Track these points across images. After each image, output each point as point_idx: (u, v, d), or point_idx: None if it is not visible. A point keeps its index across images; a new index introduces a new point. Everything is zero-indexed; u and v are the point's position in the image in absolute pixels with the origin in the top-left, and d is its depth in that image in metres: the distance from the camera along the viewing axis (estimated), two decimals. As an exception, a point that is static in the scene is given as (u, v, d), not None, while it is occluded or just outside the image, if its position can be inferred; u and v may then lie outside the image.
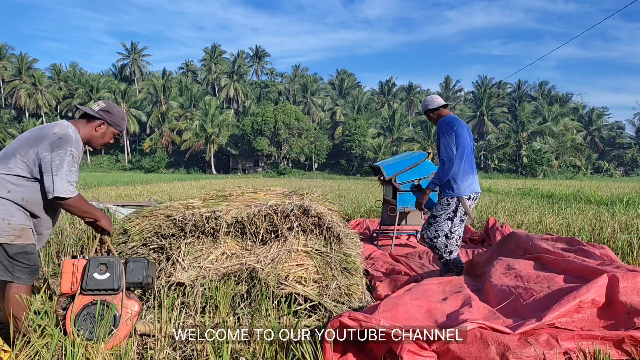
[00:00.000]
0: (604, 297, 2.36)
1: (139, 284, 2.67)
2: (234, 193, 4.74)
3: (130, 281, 2.64)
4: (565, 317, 2.25)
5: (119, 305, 2.53)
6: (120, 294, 2.57)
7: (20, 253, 2.50)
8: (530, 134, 65.10)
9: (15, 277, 2.50)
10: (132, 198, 12.93)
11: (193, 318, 2.92)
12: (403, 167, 5.62)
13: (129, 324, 2.54)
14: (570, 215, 7.55)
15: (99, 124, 2.78)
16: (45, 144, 2.54)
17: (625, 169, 71.29)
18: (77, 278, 2.59)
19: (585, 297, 2.32)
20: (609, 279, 2.40)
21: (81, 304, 2.53)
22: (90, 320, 2.49)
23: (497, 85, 77.04)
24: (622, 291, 2.33)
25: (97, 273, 2.56)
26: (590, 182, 31.44)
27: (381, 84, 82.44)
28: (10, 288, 2.52)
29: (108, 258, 2.61)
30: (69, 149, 2.55)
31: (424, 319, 2.41)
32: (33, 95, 67.71)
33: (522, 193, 17.00)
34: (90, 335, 2.45)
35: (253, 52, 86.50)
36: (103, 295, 2.57)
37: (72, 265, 2.61)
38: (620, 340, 2.06)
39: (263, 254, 3.52)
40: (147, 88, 72.97)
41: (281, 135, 63.64)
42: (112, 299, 2.56)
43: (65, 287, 2.61)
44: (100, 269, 2.57)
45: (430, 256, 5.17)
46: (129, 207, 8.20)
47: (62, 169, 2.50)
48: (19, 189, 2.50)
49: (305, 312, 3.31)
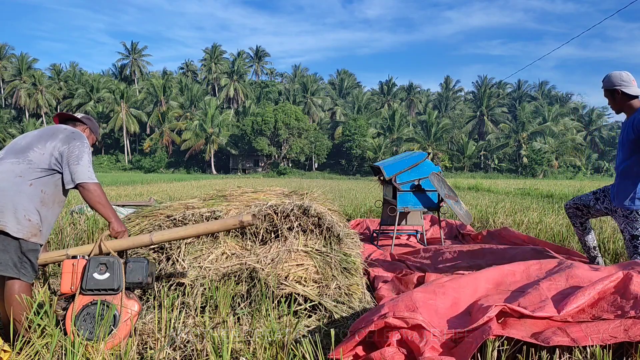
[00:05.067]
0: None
1: (138, 284, 2.67)
2: (234, 193, 4.75)
3: (130, 281, 2.64)
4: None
5: (119, 306, 2.53)
6: (120, 294, 2.57)
7: (32, 251, 2.56)
8: (530, 134, 65.10)
9: (22, 274, 2.54)
10: (132, 198, 12.93)
11: (193, 318, 2.92)
12: (403, 167, 5.62)
13: (129, 324, 2.54)
14: (570, 215, 7.55)
15: (84, 128, 3.04)
16: (61, 137, 2.69)
17: (625, 169, 71.14)
18: (77, 278, 2.60)
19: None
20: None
21: (81, 304, 2.53)
22: (90, 320, 2.49)
23: (497, 85, 77.08)
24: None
25: (97, 273, 2.57)
26: (590, 182, 31.45)
27: (381, 84, 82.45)
28: (13, 285, 2.53)
29: (108, 258, 2.61)
30: (85, 142, 2.75)
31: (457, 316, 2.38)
32: (33, 95, 67.72)
33: (522, 193, 17.00)
34: (91, 335, 2.46)
35: (253, 52, 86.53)
36: (103, 295, 2.57)
37: (71, 265, 2.62)
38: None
39: (263, 254, 3.52)
40: (147, 88, 72.94)
41: (281, 135, 63.63)
42: (112, 299, 2.56)
43: (65, 287, 2.61)
44: (100, 269, 2.57)
45: (430, 255, 5.17)
46: (129, 207, 8.20)
47: (83, 158, 2.67)
48: (39, 182, 2.59)
49: (305, 312, 3.31)
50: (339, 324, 3.14)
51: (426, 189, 5.62)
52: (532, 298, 2.37)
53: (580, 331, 2.04)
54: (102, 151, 71.19)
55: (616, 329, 2.01)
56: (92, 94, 68.49)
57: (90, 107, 66.99)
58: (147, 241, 2.82)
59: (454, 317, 2.29)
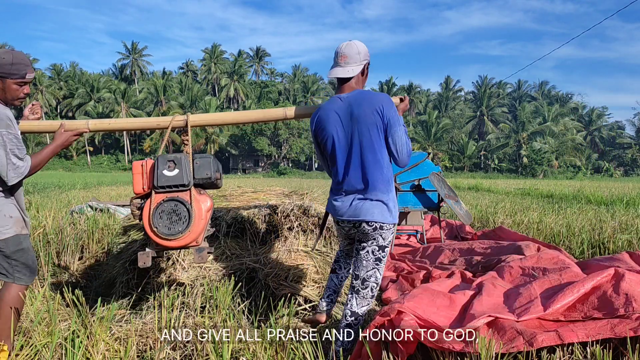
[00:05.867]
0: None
1: (207, 179, 2.66)
2: (234, 193, 4.75)
3: (199, 177, 2.64)
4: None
5: (192, 201, 2.54)
6: (191, 190, 2.57)
7: (18, 251, 2.40)
8: (530, 134, 65.11)
9: (16, 277, 2.41)
10: (132, 198, 12.90)
11: (193, 318, 2.92)
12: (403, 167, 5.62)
13: (204, 218, 2.57)
14: (570, 215, 7.54)
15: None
16: None
17: (625, 169, 71.24)
18: (147, 177, 2.59)
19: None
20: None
21: (155, 202, 2.54)
22: (166, 217, 2.52)
23: (497, 85, 77.07)
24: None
25: (166, 170, 2.55)
26: (590, 182, 31.45)
27: (381, 84, 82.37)
28: (9, 288, 2.40)
29: (175, 155, 2.58)
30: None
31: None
32: (33, 95, 67.66)
33: (522, 193, 16.99)
34: (168, 231, 2.50)
35: (253, 52, 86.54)
36: (174, 192, 2.56)
37: (140, 166, 2.62)
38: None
39: (263, 254, 3.52)
40: (147, 88, 72.97)
41: (281, 135, 63.65)
42: (184, 195, 2.56)
43: (138, 187, 2.61)
44: (169, 166, 2.56)
45: (430, 254, 5.16)
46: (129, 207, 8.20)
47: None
48: None
49: (305, 312, 3.31)
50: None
51: (426, 189, 5.62)
52: (522, 299, 2.44)
53: (569, 329, 2.07)
54: (102, 151, 71.19)
55: (603, 327, 2.05)
56: (93, 93, 68.46)
57: (91, 107, 67.00)
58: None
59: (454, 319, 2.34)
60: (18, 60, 2.36)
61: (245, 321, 2.96)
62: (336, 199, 2.52)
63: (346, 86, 2.50)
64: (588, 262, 3.43)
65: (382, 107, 2.38)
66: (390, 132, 2.38)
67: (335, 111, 2.46)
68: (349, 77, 2.49)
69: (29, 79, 2.41)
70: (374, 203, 2.40)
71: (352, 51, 2.49)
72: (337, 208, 2.51)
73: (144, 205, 2.58)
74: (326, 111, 2.49)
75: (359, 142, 2.40)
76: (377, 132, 2.38)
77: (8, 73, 2.33)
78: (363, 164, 2.41)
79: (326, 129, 2.48)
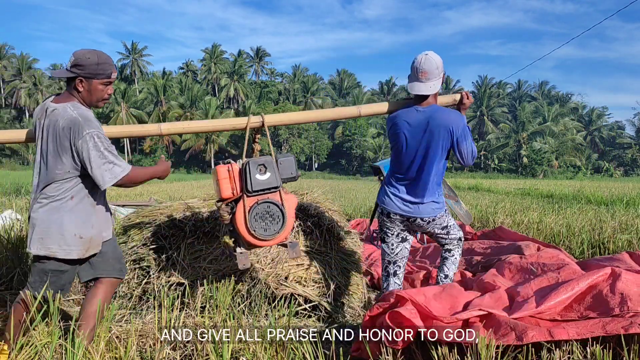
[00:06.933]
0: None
1: (292, 178, 2.72)
2: (234, 193, 4.74)
3: (285, 176, 2.68)
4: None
5: (281, 201, 2.60)
6: (279, 190, 2.63)
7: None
8: (530, 134, 65.10)
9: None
10: (132, 198, 12.92)
11: (193, 318, 2.92)
12: (403, 167, 5.61)
13: (293, 216, 2.66)
14: (570, 215, 7.54)
15: (78, 82, 2.28)
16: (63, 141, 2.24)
17: (625, 169, 71.22)
18: (237, 181, 2.60)
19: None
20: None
21: (248, 206, 2.57)
22: (260, 220, 2.56)
23: (497, 85, 77.04)
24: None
25: (258, 174, 2.58)
26: (590, 182, 31.43)
27: (381, 84, 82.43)
28: (108, 284, 2.49)
29: (264, 158, 2.61)
30: (87, 132, 2.21)
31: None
32: (33, 95, 67.72)
33: (522, 193, 16.99)
34: (265, 232, 2.56)
35: (253, 52, 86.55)
36: (265, 194, 2.60)
37: (227, 171, 2.61)
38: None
39: (263, 254, 3.52)
40: (147, 88, 72.97)
41: (281, 135, 63.64)
42: (274, 196, 2.61)
43: (227, 192, 2.60)
44: (260, 170, 2.59)
45: (429, 254, 5.16)
46: (129, 207, 8.20)
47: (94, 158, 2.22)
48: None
49: (305, 312, 3.32)
50: (339, 324, 3.15)
51: (426, 189, 5.62)
52: (519, 297, 2.49)
53: (560, 327, 2.08)
54: (102, 151, 71.09)
55: (595, 325, 2.07)
56: (92, 94, 68.41)
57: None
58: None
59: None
60: (103, 59, 2.29)
61: (245, 321, 2.96)
62: (393, 193, 2.88)
63: (423, 98, 2.77)
64: (588, 262, 3.44)
65: (452, 128, 2.72)
66: (457, 147, 2.74)
67: (409, 121, 2.78)
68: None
69: (114, 78, 2.35)
70: (425, 205, 2.81)
71: (431, 66, 2.70)
72: (389, 203, 2.90)
73: (236, 210, 2.59)
74: (402, 119, 2.81)
75: (424, 153, 2.74)
76: (442, 148, 2.74)
77: (94, 73, 2.26)
78: (423, 171, 2.77)
79: (398, 134, 2.81)
